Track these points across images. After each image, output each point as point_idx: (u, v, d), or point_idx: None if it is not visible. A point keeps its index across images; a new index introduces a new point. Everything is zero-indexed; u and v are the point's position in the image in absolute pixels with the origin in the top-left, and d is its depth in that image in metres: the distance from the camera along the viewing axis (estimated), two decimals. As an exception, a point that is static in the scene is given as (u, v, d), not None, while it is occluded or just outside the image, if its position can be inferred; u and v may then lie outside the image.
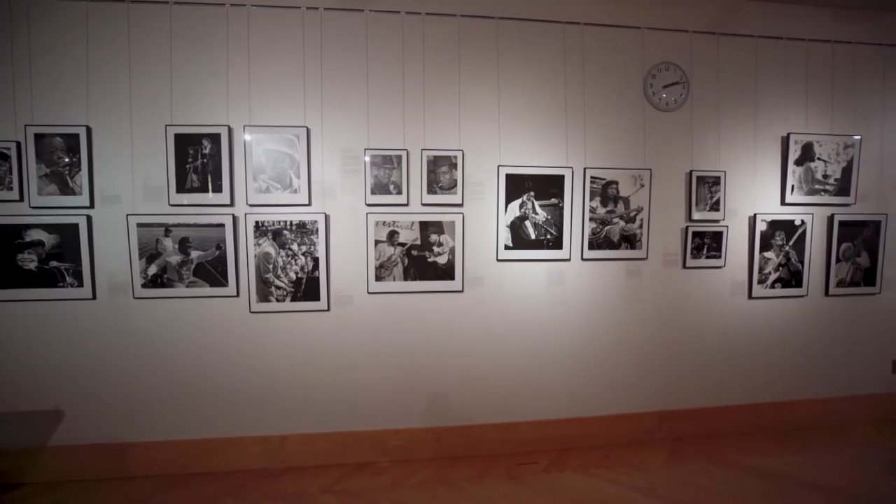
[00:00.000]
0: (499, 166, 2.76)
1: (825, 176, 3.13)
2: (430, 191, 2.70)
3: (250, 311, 2.63)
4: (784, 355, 3.18)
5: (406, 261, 2.71)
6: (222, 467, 2.64)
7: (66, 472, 2.54)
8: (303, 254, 2.63)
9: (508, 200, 2.78)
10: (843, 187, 3.15)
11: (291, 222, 2.61)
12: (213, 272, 2.58)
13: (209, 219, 2.55)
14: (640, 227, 2.92)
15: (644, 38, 2.91)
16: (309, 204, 2.64)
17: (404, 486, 2.50)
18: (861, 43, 3.14)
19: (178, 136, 2.51)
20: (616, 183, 2.87)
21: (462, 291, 2.78)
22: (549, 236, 2.83)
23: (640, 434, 3.02)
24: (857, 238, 3.20)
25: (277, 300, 2.64)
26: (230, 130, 2.55)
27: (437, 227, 2.72)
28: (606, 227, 2.89)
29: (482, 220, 2.79)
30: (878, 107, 3.20)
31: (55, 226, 2.47)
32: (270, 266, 2.61)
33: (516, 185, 2.78)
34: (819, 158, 3.11)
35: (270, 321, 2.66)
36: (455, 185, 2.72)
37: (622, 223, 2.90)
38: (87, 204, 2.49)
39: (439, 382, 2.81)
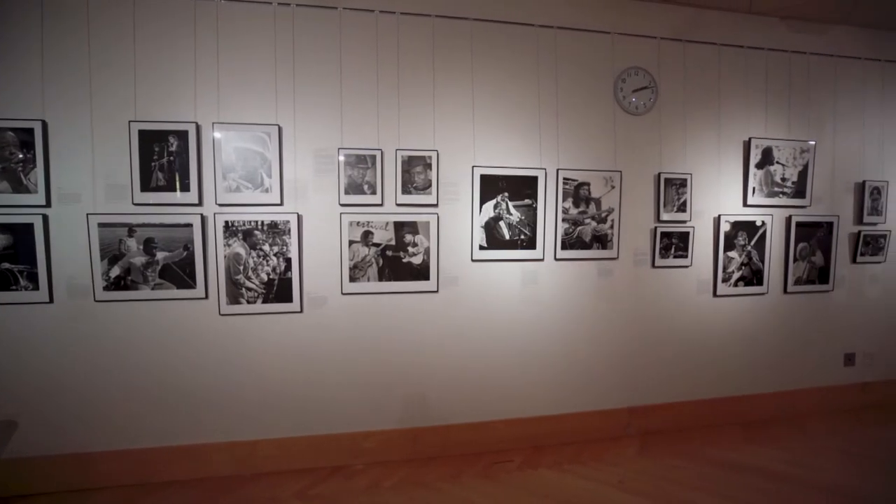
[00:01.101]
0: (473, 167, 2.78)
1: (783, 179, 3.28)
2: (405, 191, 2.70)
3: (220, 314, 2.56)
4: (746, 351, 3.32)
5: (381, 261, 2.69)
6: (191, 475, 2.56)
7: (24, 487, 2.41)
8: (275, 254, 2.58)
9: (483, 201, 2.80)
10: (799, 190, 3.31)
11: (263, 222, 2.56)
12: (181, 274, 2.50)
13: (176, 218, 2.47)
14: (611, 227, 2.99)
15: (614, 44, 2.98)
16: (281, 204, 2.59)
17: (380, 489, 2.48)
18: (815, 53, 3.31)
19: (142, 133, 2.42)
20: (588, 184, 2.94)
21: (437, 292, 2.79)
22: (522, 236, 2.87)
23: (611, 430, 3.09)
24: (812, 238, 3.36)
25: (248, 302, 2.57)
26: (198, 127, 2.48)
27: (412, 227, 2.72)
28: (579, 228, 2.94)
29: (457, 220, 2.80)
30: (831, 114, 3.37)
31: (8, 225, 2.34)
32: (241, 267, 2.55)
33: (491, 186, 2.80)
34: (778, 162, 3.26)
35: (241, 324, 2.59)
36: (430, 186, 2.72)
37: (594, 224, 2.96)
38: (44, 203, 2.37)
39: (415, 383, 2.80)
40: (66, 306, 2.43)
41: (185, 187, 2.48)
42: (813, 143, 3.30)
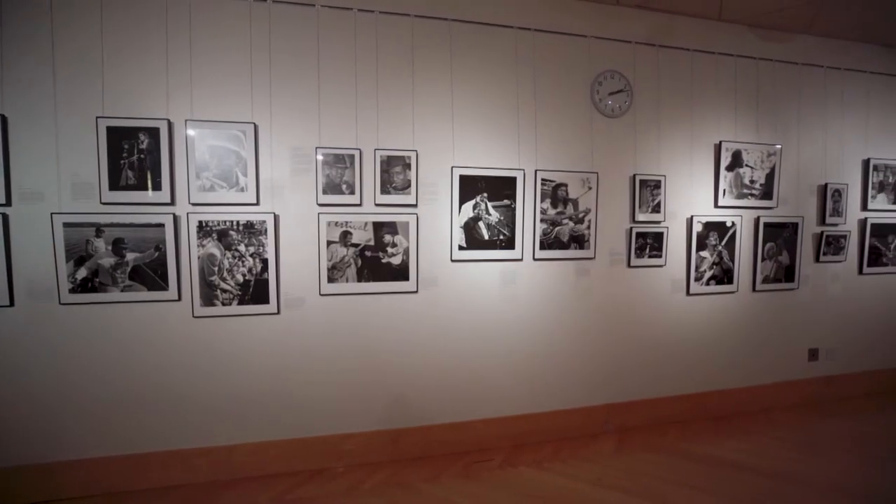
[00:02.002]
0: (452, 167, 2.79)
1: (752, 181, 3.40)
2: (384, 191, 2.68)
3: (193, 316, 2.49)
4: (717, 347, 3.42)
5: (359, 262, 2.67)
6: (165, 483, 2.49)
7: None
8: (251, 255, 2.53)
9: (462, 201, 2.81)
10: (766, 192, 3.44)
11: (238, 222, 2.50)
12: (152, 275, 2.42)
13: (147, 218, 2.40)
14: (588, 227, 3.04)
15: (591, 47, 3.03)
16: (257, 203, 2.54)
17: (360, 491, 2.46)
18: (780, 61, 3.45)
19: (111, 130, 2.34)
20: (566, 185, 2.98)
21: (416, 292, 2.78)
22: (501, 237, 2.89)
23: (589, 427, 3.14)
24: (778, 238, 3.50)
25: (223, 304, 2.52)
26: (170, 125, 2.41)
27: (391, 227, 2.70)
28: (556, 228, 2.98)
29: (436, 220, 2.80)
30: (795, 119, 3.51)
31: (-35, 225, 2.23)
32: (215, 268, 2.49)
33: (470, 186, 2.81)
34: (747, 165, 3.38)
35: (216, 326, 2.53)
36: (409, 186, 2.72)
37: (571, 224, 3.01)
38: (3, 201, 2.26)
39: (395, 384, 2.79)
40: (27, 310, 2.33)
41: (157, 186, 2.40)
42: (779, 146, 3.43)
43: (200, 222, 2.46)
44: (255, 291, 2.55)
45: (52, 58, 2.30)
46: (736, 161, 3.35)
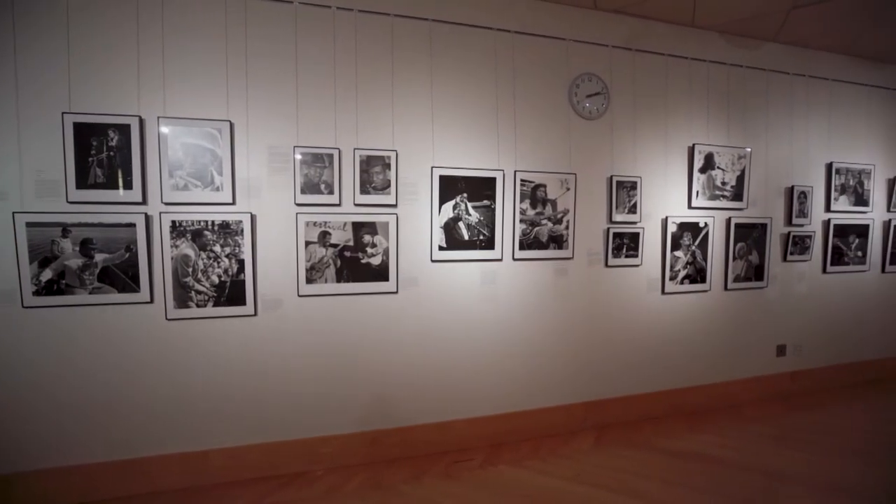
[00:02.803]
0: (432, 167, 2.79)
1: (723, 183, 3.51)
2: (364, 191, 2.66)
3: (167, 319, 2.43)
4: (691, 345, 3.52)
5: (339, 262, 2.65)
6: (138, 490, 2.41)
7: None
8: (226, 256, 2.48)
9: (442, 201, 2.81)
10: (737, 193, 3.55)
11: (213, 222, 2.45)
12: (123, 276, 2.35)
13: (117, 218, 2.32)
14: (567, 228, 3.08)
15: (569, 50, 3.08)
16: (233, 203, 2.49)
17: (340, 493, 2.44)
18: (749, 67, 3.57)
19: (78, 126, 2.25)
20: (544, 186, 3.01)
21: (396, 292, 2.77)
22: (481, 237, 2.90)
23: (568, 424, 3.18)
24: (748, 238, 3.62)
25: (198, 306, 2.46)
26: (142, 121, 2.34)
27: (371, 227, 2.69)
28: (536, 229, 3.02)
29: (416, 220, 2.80)
30: (763, 123, 3.64)
31: (-81, 225, 2.12)
32: (190, 269, 2.43)
33: (450, 187, 2.82)
34: (718, 167, 3.48)
35: (190, 328, 2.47)
36: (389, 186, 2.70)
37: (550, 224, 3.04)
38: (-38, 200, 2.16)
39: (374, 385, 2.77)
40: (-11, 313, 2.23)
41: (128, 185, 2.33)
42: (749, 149, 3.55)
43: (174, 222, 2.39)
44: (231, 293, 2.50)
45: (13, 50, 2.20)
46: (708, 163, 3.45)
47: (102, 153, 2.29)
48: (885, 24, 3.32)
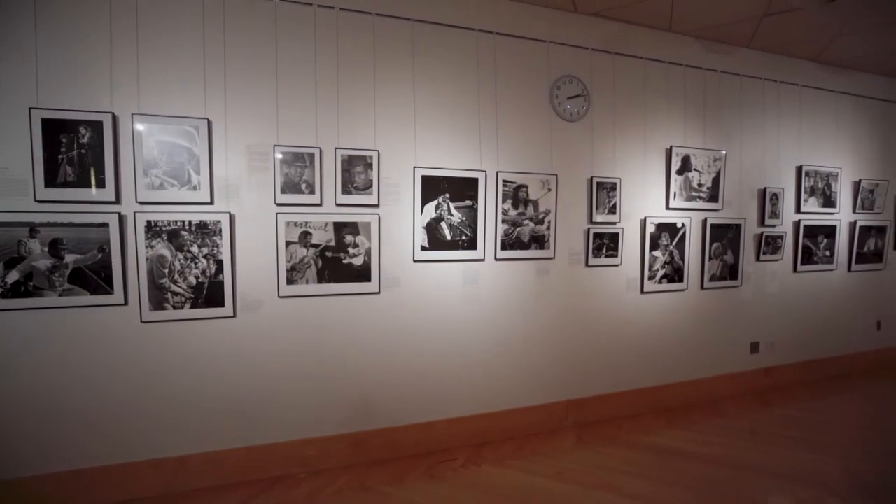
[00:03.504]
0: (415, 167, 2.78)
1: (700, 184, 3.59)
2: (345, 191, 2.64)
3: (141, 321, 2.36)
4: (669, 343, 3.59)
5: (320, 262, 2.62)
6: (113, 498, 2.33)
7: None
8: (204, 256, 2.43)
9: (424, 202, 2.81)
10: (713, 195, 3.64)
11: (191, 222, 2.39)
12: (95, 278, 2.28)
13: (89, 217, 2.25)
14: (548, 228, 3.11)
15: (550, 52, 3.11)
16: (211, 202, 2.44)
17: (322, 497, 2.41)
18: (724, 72, 3.67)
19: (46, 122, 2.17)
20: (526, 187, 3.04)
21: (379, 293, 2.76)
22: (464, 237, 2.91)
23: (549, 423, 3.21)
24: (724, 238, 3.71)
25: (175, 307, 2.40)
26: (115, 118, 2.27)
27: (353, 227, 2.67)
28: (517, 229, 3.04)
29: (398, 221, 2.79)
30: (738, 127, 3.75)
31: None
32: (166, 270, 2.37)
33: (432, 187, 2.82)
34: (695, 169, 3.56)
35: (166, 331, 2.41)
36: (371, 186, 2.69)
37: (532, 225, 3.07)
38: (-79, 198, 2.06)
39: (357, 387, 2.75)
40: (-50, 317, 2.13)
41: (101, 183, 2.26)
42: (724, 152, 3.65)
43: (149, 222, 2.33)
44: (209, 294, 2.45)
45: (-22, 43, 2.12)
46: (685, 165, 3.53)
47: (73, 150, 2.22)
48: (851, 33, 3.46)
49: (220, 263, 2.45)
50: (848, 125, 4.25)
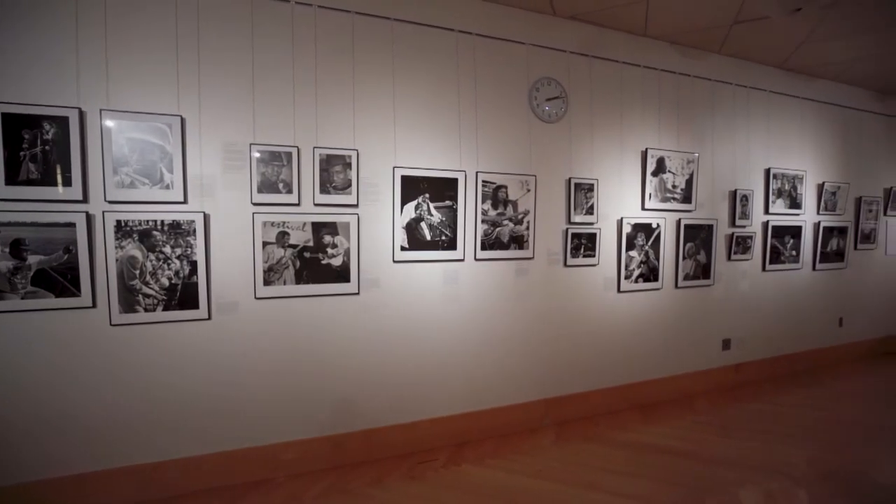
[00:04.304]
0: (394, 167, 2.77)
1: (674, 186, 3.68)
2: (324, 190, 2.61)
3: (111, 324, 2.28)
4: (644, 341, 3.67)
5: (298, 263, 2.58)
6: (74, 508, 2.26)
7: None
8: (177, 257, 2.36)
9: (404, 202, 2.80)
10: (686, 196, 3.74)
11: (163, 222, 2.33)
12: (61, 280, 2.19)
13: (54, 217, 2.16)
14: (527, 228, 3.14)
15: (529, 54, 3.14)
16: (184, 202, 2.38)
17: (302, 500, 2.38)
18: (697, 77, 3.77)
19: (6, 117, 2.08)
20: (505, 187, 3.06)
21: (358, 294, 2.73)
22: (443, 237, 2.91)
23: (529, 422, 3.24)
24: (697, 239, 3.82)
25: (146, 310, 2.33)
26: (82, 114, 2.19)
27: (331, 227, 2.64)
28: (497, 229, 3.06)
29: (378, 221, 2.77)
30: (710, 130, 3.86)
31: None
32: (137, 271, 2.30)
33: (412, 187, 2.81)
34: (669, 171, 3.65)
35: (137, 334, 2.33)
36: (350, 186, 2.66)
37: (511, 225, 3.10)
38: None
39: (336, 388, 2.72)
40: None
41: (67, 181, 2.18)
42: (697, 154, 3.75)
43: (119, 221, 2.26)
44: (183, 296, 2.38)
45: (-68, 33, 2.01)
46: (660, 167, 3.61)
47: (36, 147, 2.13)
48: (814, 42, 3.60)
49: (194, 264, 2.39)
50: (812, 130, 4.43)
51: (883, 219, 5.03)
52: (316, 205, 2.61)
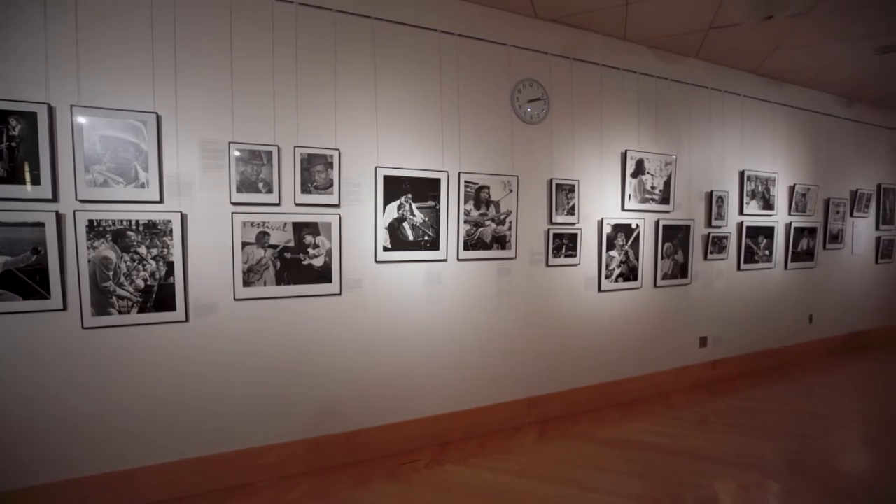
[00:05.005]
0: (377, 167, 2.75)
1: (652, 187, 3.76)
2: (305, 190, 2.58)
3: (83, 327, 2.21)
4: (624, 339, 3.74)
5: (279, 264, 2.54)
6: (44, 518, 2.18)
7: None
8: (153, 258, 2.30)
9: (386, 202, 2.79)
10: (665, 197, 3.82)
11: (138, 222, 2.27)
12: (29, 282, 2.11)
13: (21, 216, 2.08)
14: (510, 229, 3.17)
15: (511, 55, 3.16)
16: (160, 201, 2.32)
17: (280, 505, 2.35)
18: (674, 80, 3.86)
19: (-29, 113, 2.00)
20: (488, 188, 3.08)
21: (340, 294, 2.71)
22: (426, 238, 2.91)
23: (512, 420, 3.26)
24: (674, 239, 3.90)
25: (121, 312, 2.26)
26: (51, 109, 2.12)
27: (313, 228, 2.61)
28: (480, 229, 3.07)
29: (360, 221, 2.75)
30: (686, 133, 3.95)
31: None
32: (110, 273, 2.23)
33: (394, 187, 2.80)
34: (648, 172, 3.73)
35: (111, 337, 2.27)
36: (331, 185, 2.64)
37: (494, 225, 3.11)
38: None
39: (318, 390, 2.69)
40: None
41: (36, 179, 2.10)
42: (674, 156, 3.83)
43: (91, 221, 2.19)
44: (159, 298, 2.32)
45: None
46: (639, 168, 3.68)
47: (2, 143, 2.04)
48: (785, 48, 3.72)
49: (170, 265, 2.33)
50: (783, 134, 4.58)
51: (850, 219, 5.23)
52: (297, 204, 2.58)
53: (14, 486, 2.13)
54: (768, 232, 4.47)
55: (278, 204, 2.54)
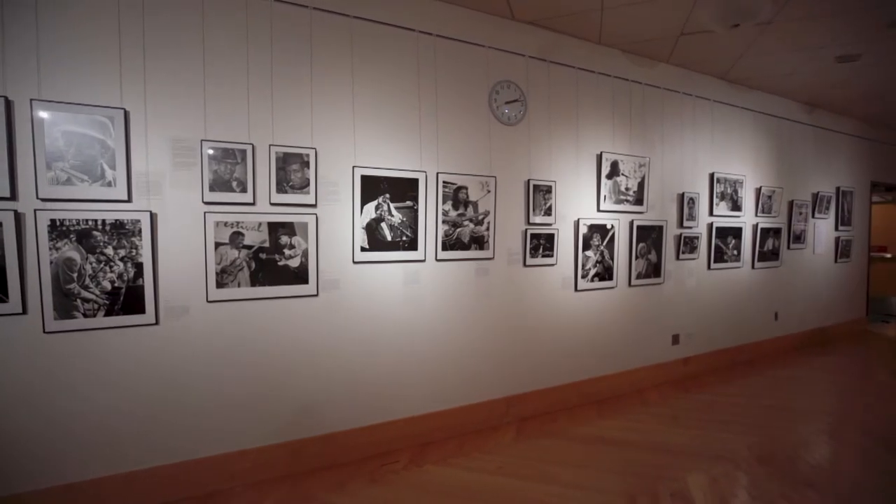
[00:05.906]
0: (354, 167, 2.73)
1: (627, 188, 3.84)
2: (280, 189, 2.54)
3: (44, 332, 2.11)
4: (599, 338, 3.81)
5: (253, 265, 2.49)
6: (2, 533, 2.07)
7: None
8: (121, 259, 2.22)
9: (364, 202, 2.77)
10: (638, 198, 3.91)
11: (104, 221, 2.18)
12: (-15, 284, 2.01)
13: (-23, 216, 1.98)
14: (488, 229, 3.19)
15: (488, 57, 3.19)
16: (129, 200, 2.24)
17: (255, 511, 2.30)
18: (647, 84, 3.95)
19: (-78, 106, 1.90)
20: (466, 188, 3.09)
21: (317, 295, 2.67)
22: (404, 238, 2.90)
23: (491, 420, 3.28)
24: (648, 239, 4.00)
25: (86, 315, 2.17)
26: (9, 103, 2.02)
27: (289, 228, 2.57)
28: (458, 230, 3.08)
29: (337, 221, 2.72)
30: (659, 136, 4.05)
31: None
32: (75, 274, 2.15)
33: (372, 187, 2.78)
34: (623, 174, 3.81)
35: (75, 342, 2.18)
36: (308, 185, 2.60)
37: (472, 226, 3.13)
38: None
39: (295, 393, 2.65)
40: None
41: (-8, 177, 2.00)
42: (648, 159, 3.93)
43: (53, 221, 2.10)
44: (128, 300, 2.24)
45: None
46: (614, 170, 3.76)
47: (-44, 139, 1.94)
48: (751, 56, 3.86)
49: (139, 266, 2.26)
50: (751, 138, 4.75)
51: (811, 220, 5.47)
52: (272, 204, 2.53)
53: (-31, 499, 2.02)
54: (736, 232, 4.63)
55: (253, 203, 2.49)
